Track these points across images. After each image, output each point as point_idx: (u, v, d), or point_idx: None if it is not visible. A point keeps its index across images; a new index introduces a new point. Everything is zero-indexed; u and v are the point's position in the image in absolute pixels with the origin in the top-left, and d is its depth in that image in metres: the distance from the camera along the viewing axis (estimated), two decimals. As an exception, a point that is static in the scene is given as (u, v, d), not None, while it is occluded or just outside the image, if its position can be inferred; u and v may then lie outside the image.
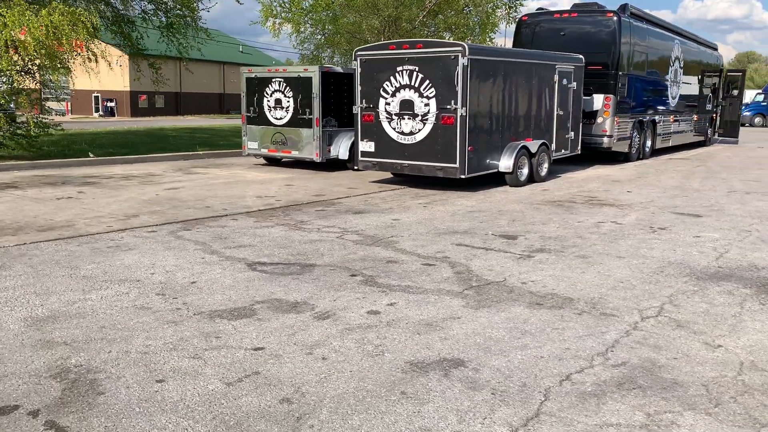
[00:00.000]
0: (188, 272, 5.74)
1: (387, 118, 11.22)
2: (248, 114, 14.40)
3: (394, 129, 11.17)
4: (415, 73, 10.76)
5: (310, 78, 13.27)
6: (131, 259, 6.19)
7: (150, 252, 6.46)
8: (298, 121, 13.59)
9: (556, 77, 12.92)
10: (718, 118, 24.08)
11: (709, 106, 22.28)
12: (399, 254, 6.40)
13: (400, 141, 11.13)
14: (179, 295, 5.09)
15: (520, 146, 11.53)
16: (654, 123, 17.91)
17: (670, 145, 19.79)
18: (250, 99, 14.32)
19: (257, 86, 14.14)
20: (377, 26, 24.46)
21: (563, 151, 13.54)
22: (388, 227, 7.81)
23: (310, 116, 13.37)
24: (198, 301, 4.95)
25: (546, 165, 12.51)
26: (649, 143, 17.80)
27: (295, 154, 13.81)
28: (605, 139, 15.40)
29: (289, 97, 13.66)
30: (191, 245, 6.76)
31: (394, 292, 5.20)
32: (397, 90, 11.02)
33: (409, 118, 10.97)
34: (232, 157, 16.81)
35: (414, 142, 10.98)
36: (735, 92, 24.95)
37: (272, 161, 15.11)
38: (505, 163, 11.29)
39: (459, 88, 10.34)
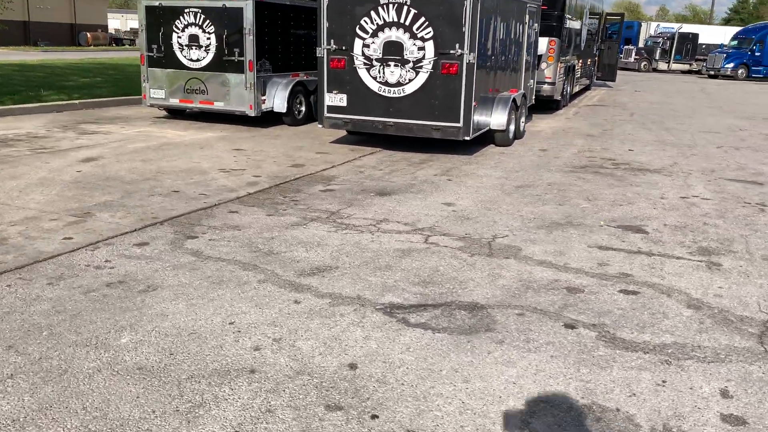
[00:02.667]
0: (319, 343, 3.54)
1: (365, 64, 9.05)
2: (150, 54, 11.24)
3: (375, 78, 9.05)
4: (405, 7, 8.65)
5: (241, 9, 10.49)
6: (181, 319, 3.79)
7: (192, 294, 4.07)
8: (223, 63, 10.81)
9: (527, 17, 11.46)
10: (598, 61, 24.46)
11: (594, 50, 22.41)
12: (559, 273, 4.61)
13: (384, 94, 9.06)
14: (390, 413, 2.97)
15: (510, 99, 10.00)
16: (573, 68, 17.35)
17: (576, 90, 19.53)
18: (153, 34, 11.15)
19: (163, 18, 11.00)
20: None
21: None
22: (459, 219, 5.96)
23: (241, 58, 10.66)
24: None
25: (524, 119, 11.17)
26: (569, 89, 17.24)
27: (219, 105, 11.05)
28: (547, 87, 14.43)
29: (209, 33, 10.77)
30: (238, 271, 4.43)
31: (683, 368, 3.51)
32: (380, 29, 8.86)
33: (396, 65, 8.91)
34: (120, 107, 13.37)
35: (402, 95, 8.97)
36: (614, 36, 25.49)
37: (176, 113, 12.13)
38: (498, 119, 9.71)
39: (467, 29, 8.46)
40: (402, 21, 8.72)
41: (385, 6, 8.75)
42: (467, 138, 8.89)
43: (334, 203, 6.36)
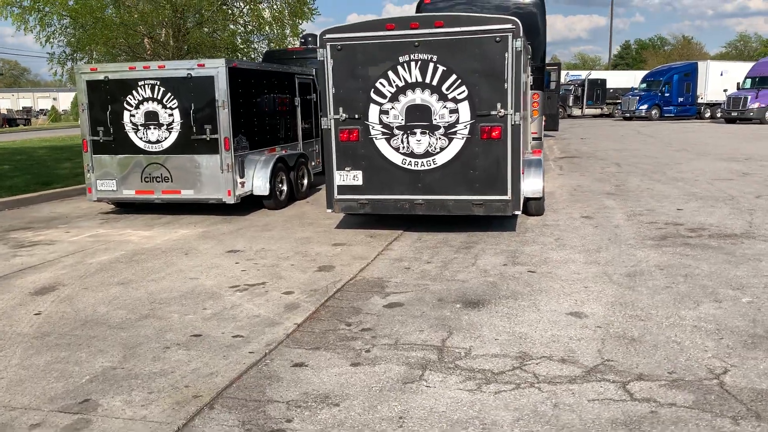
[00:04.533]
0: None
1: (384, 133, 7.44)
2: (95, 138, 9.13)
3: (398, 150, 7.44)
4: (431, 64, 7.16)
5: (211, 78, 8.64)
6: None
7: None
8: (191, 144, 8.86)
9: (528, 67, 10.30)
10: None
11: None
12: None
13: (409, 167, 7.45)
14: None
15: (541, 161, 8.64)
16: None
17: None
18: (98, 114, 9.08)
19: (110, 94, 8.97)
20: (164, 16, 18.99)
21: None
22: (618, 341, 4.32)
23: (214, 135, 8.77)
24: None
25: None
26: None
27: (188, 194, 9.03)
28: (535, 143, 13.34)
29: (172, 109, 8.83)
30: None
31: None
32: (401, 91, 7.31)
33: (423, 133, 7.35)
34: (51, 202, 10.97)
35: (433, 167, 7.39)
36: (552, 85, 25.31)
37: (126, 206, 9.96)
38: (534, 185, 8.27)
39: (509, 84, 7.05)
40: (428, 81, 7.21)
41: (406, 64, 7.23)
42: (517, 213, 7.37)
43: (424, 329, 4.59)
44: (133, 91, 8.86)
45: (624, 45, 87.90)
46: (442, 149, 7.33)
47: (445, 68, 7.15)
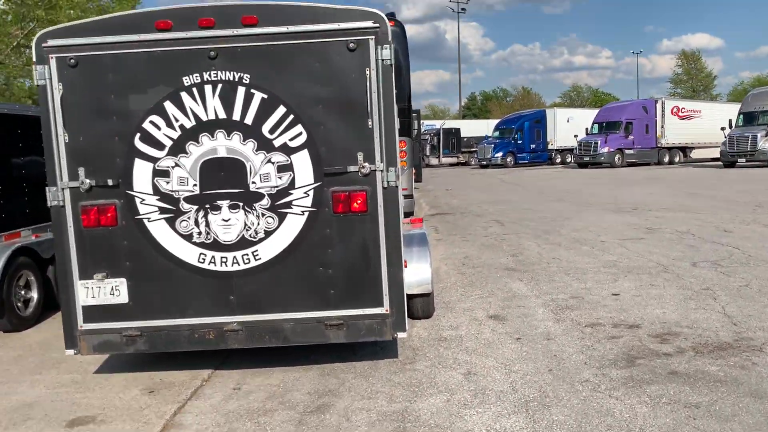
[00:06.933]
0: None
1: (165, 210, 4.22)
2: None
3: (190, 237, 4.24)
4: (241, 89, 4.11)
5: None
6: None
7: None
8: None
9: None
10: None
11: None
12: None
13: (213, 267, 4.26)
14: None
15: (425, 236, 5.81)
16: (408, 172, 13.99)
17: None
18: None
19: None
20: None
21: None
22: None
23: None
24: None
25: (428, 260, 7.00)
26: (408, 198, 13.75)
27: None
28: (404, 201, 10.69)
29: None
30: None
31: None
32: (190, 136, 4.16)
33: (234, 207, 4.22)
34: None
35: (255, 264, 4.26)
36: (414, 133, 23.32)
37: None
38: (420, 274, 5.41)
39: (376, 121, 4.16)
40: (237, 117, 4.15)
41: (195, 90, 4.12)
42: (402, 334, 4.40)
43: None
44: None
45: (470, 96, 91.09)
46: (268, 233, 4.24)
47: (265, 95, 4.12)
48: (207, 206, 4.22)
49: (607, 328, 5.23)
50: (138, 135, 4.16)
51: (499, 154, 39.07)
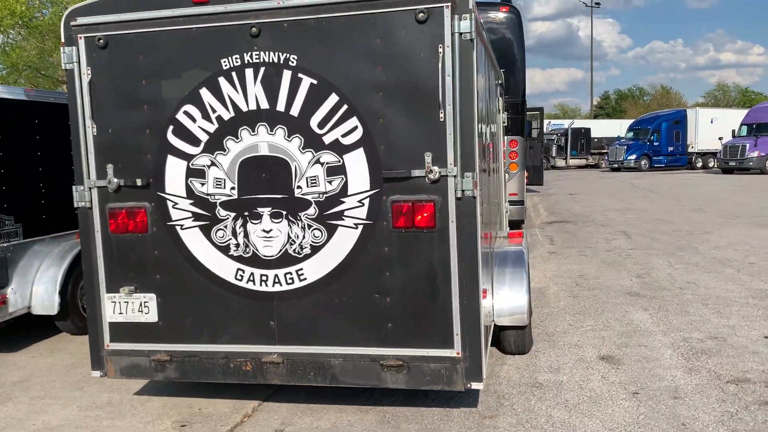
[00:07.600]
0: None
1: (200, 216, 3.59)
2: None
3: (227, 250, 3.58)
4: (287, 73, 3.39)
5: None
6: None
7: None
8: None
9: (498, 97, 6.63)
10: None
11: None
12: None
13: (252, 286, 3.58)
14: None
15: (524, 254, 4.83)
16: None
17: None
18: None
19: None
20: None
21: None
22: None
23: (-64, 216, 4.88)
24: None
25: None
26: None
27: None
28: (514, 209, 9.66)
29: None
30: None
31: None
32: (228, 130, 3.50)
33: (276, 216, 3.51)
34: None
35: (299, 286, 3.53)
36: (535, 133, 21.90)
37: None
38: (513, 302, 4.44)
39: (450, 113, 3.28)
40: (281, 107, 3.42)
41: (235, 74, 3.44)
42: (478, 384, 3.48)
43: None
44: None
45: (603, 95, 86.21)
46: (315, 249, 3.49)
47: (314, 81, 3.37)
48: (246, 214, 3.53)
49: (758, 388, 3.99)
50: (171, 128, 3.55)
51: (633, 157, 36.28)
